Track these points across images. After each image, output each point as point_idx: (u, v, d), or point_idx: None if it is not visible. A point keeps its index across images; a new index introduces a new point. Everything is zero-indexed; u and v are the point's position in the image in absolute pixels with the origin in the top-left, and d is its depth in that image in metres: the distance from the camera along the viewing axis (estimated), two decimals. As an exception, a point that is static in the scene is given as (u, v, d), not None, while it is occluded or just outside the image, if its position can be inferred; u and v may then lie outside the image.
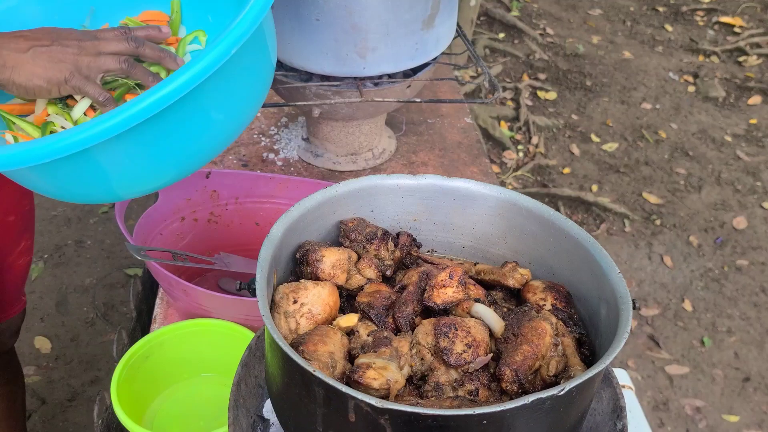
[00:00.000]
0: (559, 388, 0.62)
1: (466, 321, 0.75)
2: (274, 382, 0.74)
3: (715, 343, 2.69)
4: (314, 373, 0.62)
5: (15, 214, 1.35)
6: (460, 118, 1.86)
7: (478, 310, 0.78)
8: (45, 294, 2.58)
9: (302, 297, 0.76)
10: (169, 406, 1.14)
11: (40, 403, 2.23)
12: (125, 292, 2.59)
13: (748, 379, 2.56)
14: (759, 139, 3.81)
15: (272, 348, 0.71)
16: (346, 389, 0.61)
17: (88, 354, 2.39)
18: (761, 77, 4.30)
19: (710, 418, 2.42)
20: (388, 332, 0.76)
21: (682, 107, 4.00)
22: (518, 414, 0.62)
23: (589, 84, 4.13)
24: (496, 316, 0.77)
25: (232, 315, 1.13)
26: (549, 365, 0.73)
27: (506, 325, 0.76)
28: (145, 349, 1.10)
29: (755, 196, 3.41)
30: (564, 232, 0.83)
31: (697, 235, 3.16)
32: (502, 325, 0.76)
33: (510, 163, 3.50)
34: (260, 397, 0.87)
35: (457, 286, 0.80)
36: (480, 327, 0.75)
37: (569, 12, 4.86)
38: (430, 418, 0.60)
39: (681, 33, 4.72)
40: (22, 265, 1.42)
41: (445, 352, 0.72)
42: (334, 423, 0.65)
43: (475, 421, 0.60)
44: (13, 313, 1.46)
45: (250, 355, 0.88)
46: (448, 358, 0.72)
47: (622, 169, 3.52)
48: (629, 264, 2.99)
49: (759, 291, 2.91)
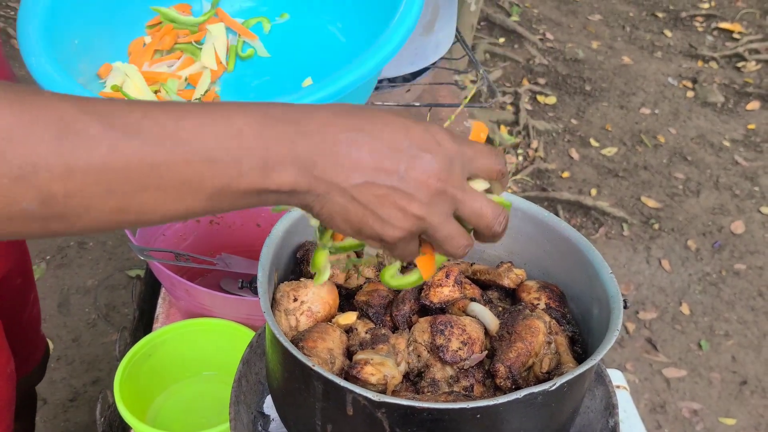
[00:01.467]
0: (551, 383, 0.64)
1: (462, 319, 0.77)
2: (275, 378, 0.76)
3: (713, 347, 2.70)
4: (314, 367, 0.64)
5: (21, 275, 1.32)
6: (460, 122, 1.88)
7: (474, 309, 0.80)
8: (47, 295, 2.60)
9: (302, 295, 0.78)
10: (171, 404, 1.16)
11: (42, 403, 2.25)
12: (127, 293, 2.61)
13: (745, 382, 2.58)
14: (757, 144, 3.83)
15: (273, 344, 0.73)
16: (345, 383, 0.63)
17: (89, 354, 2.41)
18: (760, 83, 4.32)
19: (707, 421, 2.43)
20: (385, 330, 0.78)
21: (681, 112, 4.03)
22: (511, 408, 0.64)
23: (588, 89, 4.15)
24: (491, 314, 0.79)
25: (233, 314, 1.15)
26: (542, 362, 0.75)
27: (501, 323, 0.78)
28: (148, 348, 1.12)
29: (753, 200, 3.43)
30: (558, 234, 0.85)
31: (695, 239, 3.18)
32: (496, 323, 0.78)
33: (509, 167, 3.52)
34: (261, 394, 0.89)
35: (454, 285, 0.82)
36: (475, 325, 0.77)
37: (569, 17, 4.88)
38: (425, 412, 0.62)
39: (680, 39, 4.74)
40: (36, 314, 1.42)
41: (441, 349, 0.74)
42: (332, 417, 0.67)
43: (468, 414, 0.62)
44: (39, 357, 1.47)
45: (251, 353, 0.89)
46: (444, 355, 0.74)
47: (620, 173, 3.54)
48: (627, 268, 3.01)
49: (756, 295, 2.93)
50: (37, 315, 1.42)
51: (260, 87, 1.25)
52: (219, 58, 1.25)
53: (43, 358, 1.49)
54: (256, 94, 1.24)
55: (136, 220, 0.53)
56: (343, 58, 1.27)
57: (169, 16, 1.29)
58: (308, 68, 1.26)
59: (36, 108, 0.48)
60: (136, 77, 1.18)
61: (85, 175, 0.48)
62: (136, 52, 1.25)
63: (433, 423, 0.63)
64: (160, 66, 1.25)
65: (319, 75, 1.23)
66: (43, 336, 1.48)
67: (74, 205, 0.49)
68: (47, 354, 1.50)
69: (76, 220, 0.50)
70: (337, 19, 1.31)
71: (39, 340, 1.46)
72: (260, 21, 1.32)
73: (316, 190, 0.55)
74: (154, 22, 1.29)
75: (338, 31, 1.30)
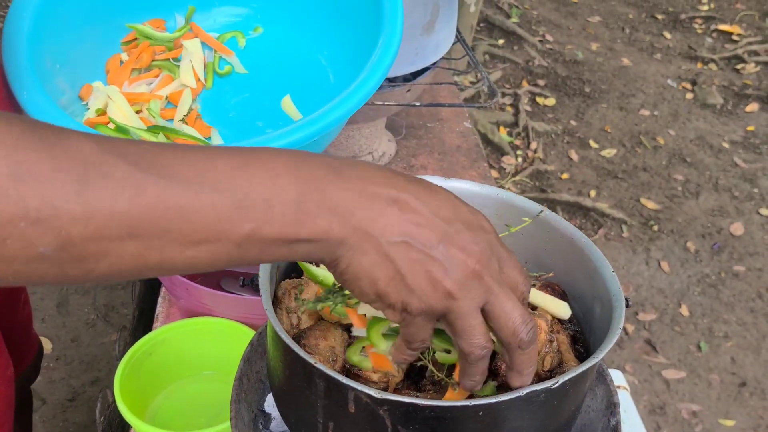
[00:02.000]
0: (553, 381, 0.63)
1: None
2: (276, 376, 0.75)
3: (712, 348, 2.71)
4: (315, 365, 0.63)
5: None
6: (460, 122, 1.89)
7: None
8: (46, 295, 2.60)
9: (304, 293, 0.78)
10: (171, 403, 1.15)
11: (41, 403, 2.25)
12: (126, 293, 2.61)
13: (745, 384, 2.58)
14: (756, 146, 3.83)
15: (275, 342, 0.73)
16: (347, 380, 0.62)
17: (88, 355, 2.41)
18: (759, 85, 4.33)
19: (706, 422, 2.44)
20: (387, 328, 0.78)
21: (680, 114, 4.03)
22: (513, 406, 0.64)
23: (587, 90, 4.16)
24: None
25: (233, 313, 1.14)
26: (544, 361, 0.75)
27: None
28: (148, 347, 1.12)
29: (752, 202, 3.43)
30: (559, 233, 0.85)
31: (694, 240, 3.18)
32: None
33: (509, 168, 3.52)
34: (261, 392, 0.89)
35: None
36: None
37: (568, 19, 4.89)
38: (427, 409, 0.62)
39: (679, 40, 4.75)
40: (27, 313, 1.42)
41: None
42: (334, 414, 0.67)
43: (471, 412, 0.62)
44: (32, 356, 1.47)
45: (252, 351, 0.89)
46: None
47: (620, 174, 3.54)
48: (627, 269, 3.01)
49: (755, 297, 2.93)
50: (28, 314, 1.43)
51: (240, 104, 1.25)
52: (197, 75, 1.25)
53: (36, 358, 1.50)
54: (236, 112, 1.24)
55: (158, 267, 0.49)
56: (320, 72, 1.28)
57: (144, 32, 1.28)
58: (286, 85, 1.26)
59: (59, 148, 0.45)
60: (118, 99, 1.17)
61: (107, 218, 0.45)
62: (114, 70, 1.25)
63: (435, 421, 0.63)
64: (139, 85, 1.24)
65: (298, 92, 1.24)
66: (35, 335, 1.49)
67: (93, 250, 0.46)
68: (40, 353, 1.51)
69: (94, 266, 0.47)
70: (312, 32, 1.31)
71: (31, 340, 1.46)
72: (234, 35, 1.32)
73: (350, 240, 0.52)
74: (130, 38, 1.29)
75: (314, 44, 1.31)
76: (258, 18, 1.35)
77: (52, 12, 1.16)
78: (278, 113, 1.22)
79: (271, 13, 1.35)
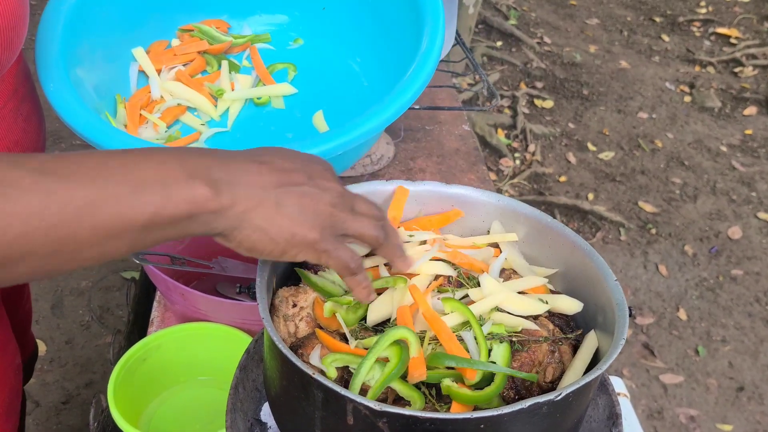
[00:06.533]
0: (556, 393, 0.62)
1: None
2: (273, 385, 0.74)
3: (710, 353, 2.70)
4: (313, 376, 0.62)
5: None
6: (458, 125, 1.87)
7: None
8: (40, 296, 2.58)
9: (302, 301, 0.76)
10: (166, 409, 1.14)
11: (35, 405, 2.23)
12: (121, 295, 2.59)
13: (742, 388, 2.57)
14: (754, 149, 3.83)
15: (271, 351, 0.72)
16: (345, 392, 0.61)
17: (82, 357, 2.39)
18: (757, 88, 4.32)
19: (704, 427, 2.42)
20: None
21: (678, 117, 4.03)
22: (515, 418, 0.62)
23: (585, 93, 4.15)
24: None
25: (229, 319, 1.13)
26: (546, 372, 0.73)
27: (504, 331, 0.76)
28: (143, 352, 1.10)
29: (750, 206, 3.43)
30: (561, 240, 0.84)
31: (692, 244, 3.17)
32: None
33: (507, 170, 3.51)
34: (258, 401, 0.87)
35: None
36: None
37: (567, 21, 4.88)
38: (428, 422, 0.60)
39: (677, 43, 4.75)
40: (28, 310, 1.42)
41: (443, 357, 0.72)
42: (332, 426, 0.66)
43: (472, 424, 0.61)
44: (26, 357, 1.46)
45: (248, 359, 0.88)
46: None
47: (618, 177, 3.53)
48: (624, 272, 3.00)
49: (753, 301, 2.92)
50: (29, 311, 1.41)
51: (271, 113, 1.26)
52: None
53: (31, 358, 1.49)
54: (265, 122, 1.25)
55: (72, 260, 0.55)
56: (356, 83, 1.27)
57: (208, 33, 1.28)
58: (321, 98, 1.26)
59: None
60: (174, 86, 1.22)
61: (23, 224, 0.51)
62: (155, 51, 1.26)
63: (435, 433, 0.62)
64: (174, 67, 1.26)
65: (332, 105, 1.23)
66: (32, 335, 1.47)
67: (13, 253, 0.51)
68: (35, 354, 1.50)
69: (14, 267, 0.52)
70: (348, 41, 1.30)
71: (28, 339, 1.45)
72: (287, 67, 1.31)
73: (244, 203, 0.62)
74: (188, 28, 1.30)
75: (349, 53, 1.30)
76: (296, 27, 1.35)
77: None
78: (309, 126, 1.22)
79: (309, 23, 1.34)
